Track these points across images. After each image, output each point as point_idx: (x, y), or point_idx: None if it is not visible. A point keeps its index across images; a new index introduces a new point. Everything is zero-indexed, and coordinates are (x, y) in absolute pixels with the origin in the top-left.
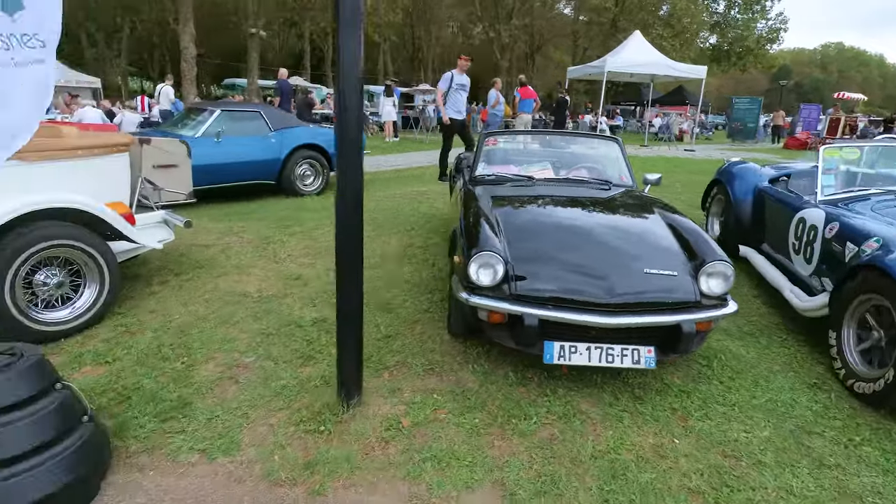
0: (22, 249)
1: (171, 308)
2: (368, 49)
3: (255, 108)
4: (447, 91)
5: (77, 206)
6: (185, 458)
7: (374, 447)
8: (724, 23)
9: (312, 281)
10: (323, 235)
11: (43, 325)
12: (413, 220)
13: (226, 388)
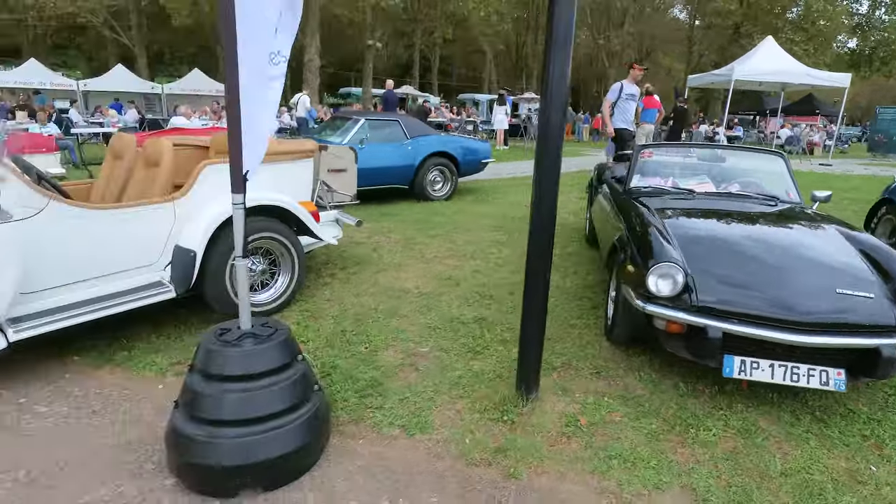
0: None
1: (344, 298)
2: (475, 58)
3: (395, 118)
4: (615, 102)
5: (280, 203)
6: (387, 432)
7: (557, 440)
8: (867, 24)
9: (463, 282)
10: (462, 239)
11: (252, 306)
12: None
13: (408, 374)
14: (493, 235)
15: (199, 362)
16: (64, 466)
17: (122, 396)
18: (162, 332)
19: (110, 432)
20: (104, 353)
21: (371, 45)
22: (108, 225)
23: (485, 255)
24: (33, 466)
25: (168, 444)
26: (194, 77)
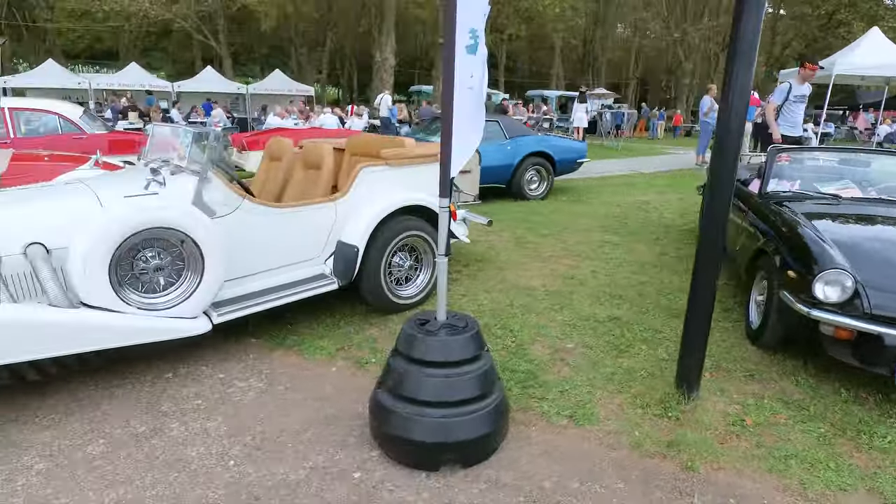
0: (394, 237)
1: (477, 294)
2: (539, 53)
3: (495, 118)
4: (781, 104)
5: (425, 203)
6: (556, 421)
7: (726, 438)
8: None
9: (587, 282)
10: (572, 239)
11: (399, 299)
12: (652, 229)
13: (560, 368)
14: (601, 236)
15: (401, 347)
16: (281, 435)
17: (303, 376)
18: (320, 320)
19: (307, 407)
20: (275, 338)
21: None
22: (284, 222)
23: (599, 256)
24: (256, 433)
25: (374, 418)
26: (276, 78)
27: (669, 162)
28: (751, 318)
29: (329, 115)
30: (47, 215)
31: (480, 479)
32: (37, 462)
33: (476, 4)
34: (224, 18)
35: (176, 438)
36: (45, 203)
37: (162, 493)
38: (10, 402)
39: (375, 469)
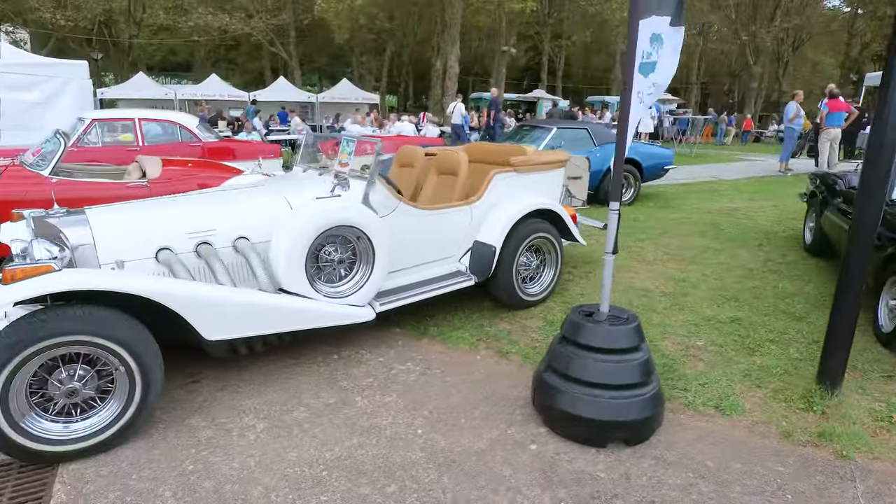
0: (524, 238)
1: (595, 294)
2: (595, 58)
3: (584, 126)
4: None
5: (551, 207)
6: (703, 410)
7: (876, 432)
8: None
9: (699, 284)
10: (673, 244)
11: (526, 296)
12: (751, 236)
13: (695, 363)
14: (700, 241)
15: (569, 334)
16: (452, 411)
17: (453, 362)
18: (453, 314)
19: (465, 389)
20: (417, 328)
21: (505, 51)
22: (431, 222)
23: (703, 261)
24: (430, 408)
25: (543, 397)
26: (343, 86)
27: (748, 169)
28: (881, 321)
29: (407, 124)
30: (248, 214)
31: (647, 456)
32: (257, 423)
33: (653, 27)
34: (295, 30)
35: (363, 409)
36: (245, 204)
37: (371, 452)
38: (215, 376)
39: (547, 443)
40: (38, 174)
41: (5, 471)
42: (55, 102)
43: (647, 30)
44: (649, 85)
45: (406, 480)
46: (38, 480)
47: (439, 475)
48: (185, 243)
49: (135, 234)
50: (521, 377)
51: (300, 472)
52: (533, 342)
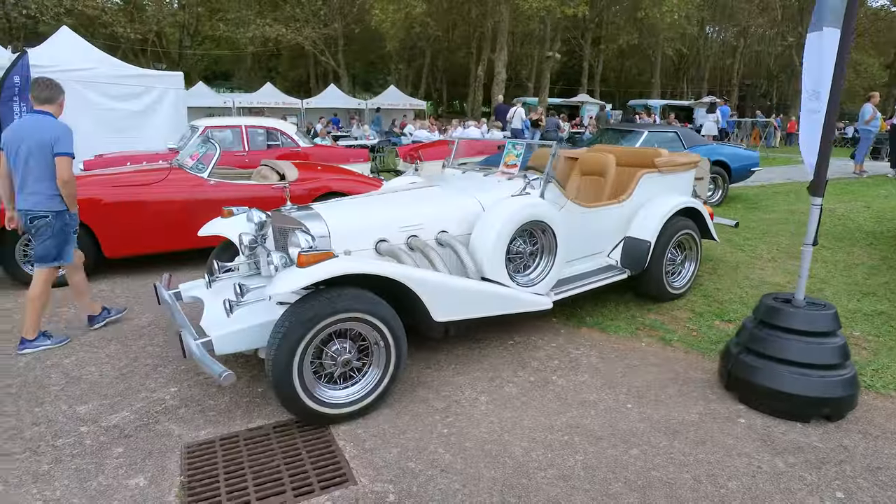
0: (674, 234)
1: (731, 288)
2: (630, 62)
3: (674, 130)
4: None
5: (694, 205)
6: (884, 392)
7: None
8: None
9: (829, 280)
10: (781, 242)
11: (672, 289)
12: (859, 235)
13: (858, 351)
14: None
15: (769, 318)
16: (648, 389)
17: (622, 348)
18: (601, 305)
19: (648, 371)
20: (572, 318)
21: (550, 56)
22: (591, 219)
23: (822, 259)
24: (626, 387)
25: (742, 376)
26: (391, 93)
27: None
28: None
29: (473, 129)
30: (446, 211)
31: (851, 430)
32: (478, 395)
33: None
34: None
35: (565, 387)
36: (443, 202)
37: (596, 422)
38: (416, 356)
39: (753, 417)
40: (198, 177)
41: (287, 430)
42: (156, 111)
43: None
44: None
45: (643, 445)
46: (320, 438)
47: (670, 441)
48: (398, 236)
49: (359, 227)
50: (693, 362)
51: (544, 436)
52: (689, 331)
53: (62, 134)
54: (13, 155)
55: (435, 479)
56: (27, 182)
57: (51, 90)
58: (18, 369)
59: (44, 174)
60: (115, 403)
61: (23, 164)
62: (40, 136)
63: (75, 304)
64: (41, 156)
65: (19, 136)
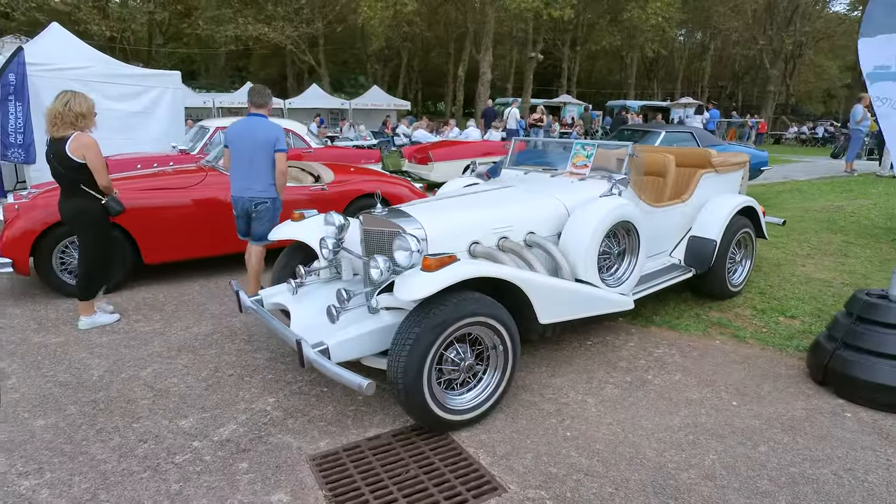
0: (736, 232)
1: (782, 284)
2: (600, 63)
3: (689, 130)
4: None
5: (752, 204)
6: None
7: None
8: None
9: (872, 275)
10: (811, 240)
11: (732, 287)
12: (877, 231)
13: None
14: (835, 237)
15: (867, 315)
16: (744, 386)
17: (696, 346)
18: (664, 304)
19: (732, 367)
20: (639, 318)
21: (533, 57)
22: (660, 218)
23: (854, 255)
24: (722, 384)
25: (842, 371)
26: (374, 93)
27: (811, 169)
28: None
29: (473, 129)
30: (532, 213)
31: None
32: (584, 398)
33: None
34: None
35: (664, 386)
36: (528, 204)
37: (710, 420)
38: None
39: (857, 411)
40: None
41: (408, 438)
42: (154, 111)
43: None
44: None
45: (769, 442)
46: (446, 446)
47: (792, 437)
48: (490, 237)
49: (453, 229)
50: (774, 358)
51: (668, 436)
52: (758, 328)
53: (280, 134)
54: (239, 151)
55: (583, 483)
56: (251, 174)
57: (264, 97)
58: (94, 383)
59: (265, 167)
60: (216, 416)
61: (248, 159)
62: (264, 135)
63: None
64: (264, 152)
65: (244, 136)
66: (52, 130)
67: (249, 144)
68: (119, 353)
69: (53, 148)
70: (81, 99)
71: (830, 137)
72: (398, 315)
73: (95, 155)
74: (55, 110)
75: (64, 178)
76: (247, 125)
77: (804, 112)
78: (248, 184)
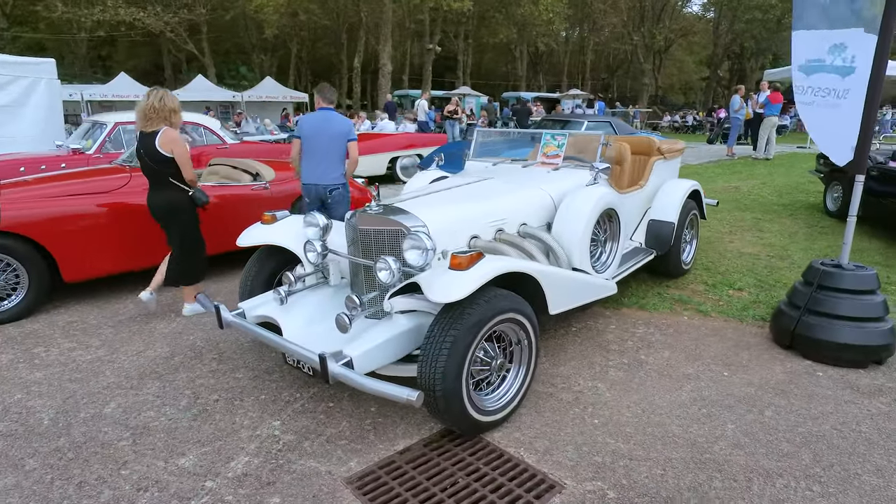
0: (688, 213)
1: (720, 260)
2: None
3: (607, 119)
4: None
5: (698, 188)
6: None
7: None
8: None
9: (789, 246)
10: (723, 218)
11: (684, 265)
12: (775, 208)
13: None
14: (745, 214)
15: (826, 282)
16: (725, 357)
17: (668, 323)
18: (625, 286)
19: (708, 340)
20: (608, 301)
21: (430, 49)
22: (629, 204)
23: (768, 229)
24: (709, 357)
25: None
26: (268, 85)
27: (697, 154)
28: None
29: (388, 122)
30: (521, 204)
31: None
32: (595, 384)
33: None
34: (208, 27)
35: (659, 365)
36: (516, 196)
37: (713, 391)
38: None
39: (825, 370)
40: None
41: (442, 446)
42: (26, 104)
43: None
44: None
45: (770, 406)
46: (484, 449)
47: (787, 400)
48: (488, 231)
49: (452, 224)
50: (738, 328)
51: (684, 412)
52: (715, 302)
53: (351, 125)
54: (315, 142)
55: (632, 468)
56: (327, 163)
57: (334, 94)
58: (48, 428)
59: (338, 156)
60: (220, 449)
61: (324, 149)
62: (339, 127)
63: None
64: (338, 143)
65: (321, 128)
66: (145, 125)
67: (326, 136)
68: (65, 388)
69: (144, 143)
70: (172, 95)
71: (699, 125)
72: (414, 318)
73: (182, 149)
74: (150, 105)
75: (154, 172)
76: (322, 118)
77: (670, 102)
78: (324, 172)
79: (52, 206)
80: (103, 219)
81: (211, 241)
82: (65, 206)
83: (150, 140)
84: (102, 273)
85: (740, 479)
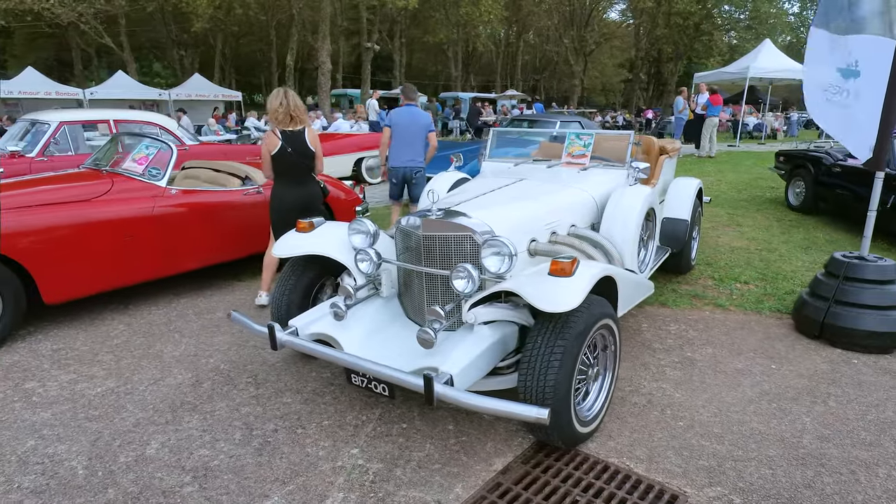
0: (696, 209)
1: (716, 253)
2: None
3: (577, 119)
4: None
5: (701, 185)
6: None
7: None
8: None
9: (771, 240)
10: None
11: (692, 261)
12: (743, 203)
13: None
14: (719, 210)
15: (852, 273)
16: (762, 348)
17: (694, 318)
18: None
19: (736, 333)
20: None
21: (369, 48)
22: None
23: (744, 223)
24: (751, 349)
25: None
26: (196, 82)
27: None
28: None
29: (343, 121)
30: (569, 206)
31: None
32: (658, 384)
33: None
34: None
35: (710, 362)
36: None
37: (770, 384)
38: None
39: (858, 356)
40: (155, 185)
41: (540, 461)
42: None
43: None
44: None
45: (830, 396)
46: (586, 462)
47: (841, 389)
48: (543, 233)
49: (514, 227)
50: (760, 320)
51: (755, 408)
52: (728, 295)
53: (430, 120)
54: (405, 132)
55: (742, 470)
56: (414, 149)
57: (415, 93)
58: (87, 479)
59: (421, 144)
60: (306, 487)
61: (412, 138)
62: (423, 121)
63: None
64: (422, 133)
65: (411, 121)
66: (289, 124)
67: (415, 128)
68: (86, 429)
69: (293, 140)
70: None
71: (628, 125)
72: (498, 329)
73: (320, 145)
74: (293, 104)
75: (302, 168)
76: (409, 112)
77: (593, 103)
78: (412, 156)
79: (27, 217)
80: (88, 230)
81: (205, 253)
82: (41, 217)
83: (300, 137)
84: (89, 292)
85: (845, 472)
